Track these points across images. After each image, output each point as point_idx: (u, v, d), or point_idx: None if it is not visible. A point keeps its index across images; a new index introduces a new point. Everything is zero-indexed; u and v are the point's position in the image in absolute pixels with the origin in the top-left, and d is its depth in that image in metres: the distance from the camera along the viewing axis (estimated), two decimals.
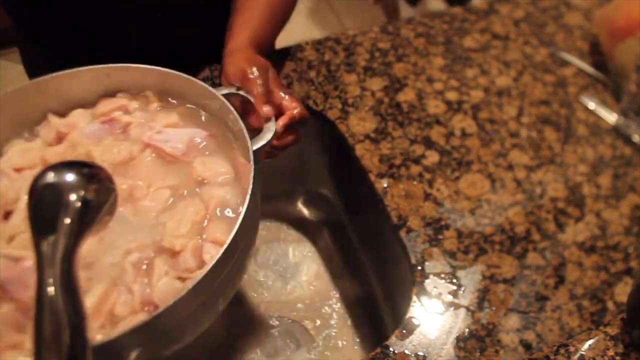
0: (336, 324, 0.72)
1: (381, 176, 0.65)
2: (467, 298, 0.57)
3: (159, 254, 0.43)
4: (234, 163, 0.49)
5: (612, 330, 0.53)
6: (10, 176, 0.47)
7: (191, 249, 0.43)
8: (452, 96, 0.74)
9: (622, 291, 0.59)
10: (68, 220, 0.33)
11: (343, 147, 0.70)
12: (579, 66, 0.80)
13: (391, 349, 0.53)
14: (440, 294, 0.57)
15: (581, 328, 0.56)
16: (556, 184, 0.67)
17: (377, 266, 0.74)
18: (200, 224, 0.45)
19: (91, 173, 0.36)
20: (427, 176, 0.66)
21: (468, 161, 0.68)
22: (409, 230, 0.61)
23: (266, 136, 0.50)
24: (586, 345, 0.52)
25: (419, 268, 0.59)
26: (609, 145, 0.71)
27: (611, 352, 0.51)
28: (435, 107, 0.73)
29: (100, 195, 0.36)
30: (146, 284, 0.42)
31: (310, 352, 0.69)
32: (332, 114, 0.71)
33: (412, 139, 0.69)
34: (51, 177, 0.34)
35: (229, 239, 0.40)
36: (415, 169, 0.66)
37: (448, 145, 0.69)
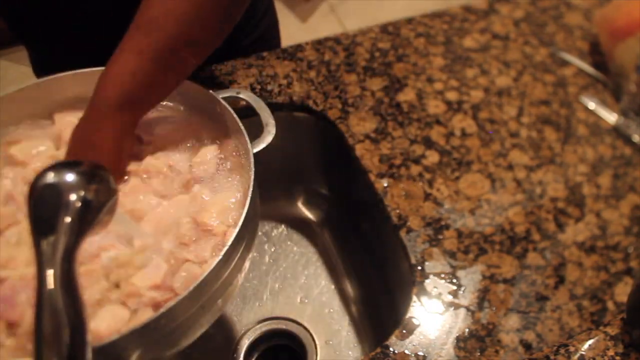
0: (336, 324, 0.72)
1: (381, 176, 0.66)
2: (467, 298, 0.57)
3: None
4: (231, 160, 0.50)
5: (612, 330, 0.53)
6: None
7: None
8: (452, 96, 0.74)
9: (622, 291, 0.59)
10: (68, 220, 0.33)
11: (343, 147, 0.70)
12: (579, 66, 0.80)
13: (391, 349, 0.53)
14: (440, 294, 0.57)
15: (581, 328, 0.56)
16: (556, 184, 0.67)
17: (377, 266, 0.74)
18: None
19: (91, 173, 0.36)
20: (427, 176, 0.66)
21: (468, 161, 0.68)
22: (409, 230, 0.61)
23: (266, 139, 0.50)
24: (586, 345, 0.52)
25: (419, 268, 0.59)
26: (609, 145, 0.71)
27: (611, 352, 0.51)
28: (435, 107, 0.73)
29: (100, 195, 0.36)
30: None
31: (310, 352, 0.69)
32: (332, 114, 0.71)
33: (412, 139, 0.69)
34: (51, 177, 0.34)
35: (230, 241, 0.40)
36: (415, 169, 0.66)
37: (448, 145, 0.69)
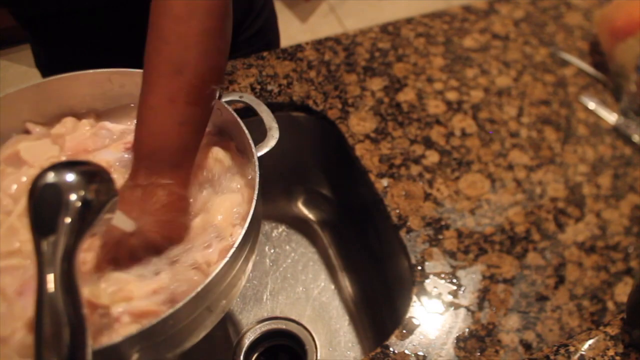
0: (336, 324, 0.72)
1: (381, 176, 0.66)
2: (467, 298, 0.57)
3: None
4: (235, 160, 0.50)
5: (612, 330, 0.53)
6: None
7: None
8: (452, 96, 0.74)
9: (622, 291, 0.59)
10: (68, 220, 0.33)
11: (343, 147, 0.70)
12: (579, 66, 0.80)
13: (391, 349, 0.53)
14: (440, 294, 0.57)
15: (581, 328, 0.56)
16: (556, 184, 0.67)
17: (377, 266, 0.74)
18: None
19: (91, 173, 0.36)
20: (427, 176, 0.66)
21: (468, 161, 0.68)
22: (409, 230, 0.61)
23: (270, 143, 0.50)
24: (586, 345, 0.52)
25: (419, 268, 0.59)
26: (609, 145, 0.71)
27: (611, 352, 0.51)
28: (435, 107, 0.73)
29: (100, 195, 0.36)
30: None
31: (310, 352, 0.69)
32: (332, 114, 0.71)
33: (412, 139, 0.69)
34: (51, 177, 0.34)
35: (237, 242, 0.41)
36: (415, 169, 0.66)
37: (448, 145, 0.69)
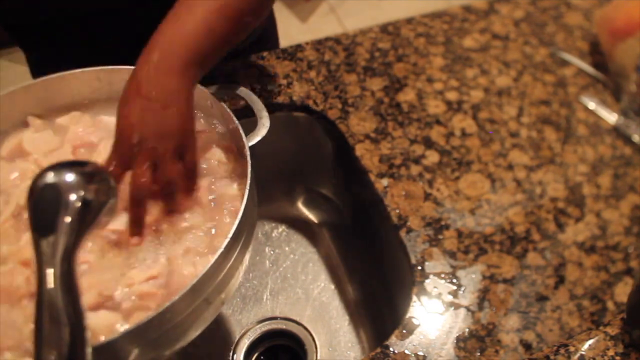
0: (336, 324, 0.72)
1: (381, 176, 0.66)
2: (467, 298, 0.57)
3: None
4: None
5: (612, 330, 0.53)
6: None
7: None
8: (452, 96, 0.74)
9: (622, 291, 0.59)
10: (68, 220, 0.33)
11: (343, 147, 0.70)
12: (579, 66, 0.80)
13: (391, 349, 0.53)
14: (440, 294, 0.57)
15: (581, 328, 0.55)
16: (556, 184, 0.67)
17: (377, 266, 0.74)
18: None
19: (91, 173, 0.36)
20: (427, 176, 0.66)
21: (468, 161, 0.68)
22: (409, 230, 0.61)
23: (261, 132, 0.50)
24: (586, 345, 0.52)
25: (419, 268, 0.59)
26: (609, 145, 0.71)
27: (611, 352, 0.51)
28: (435, 107, 0.73)
29: (100, 195, 0.36)
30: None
31: (310, 352, 0.69)
32: (332, 114, 0.71)
33: (412, 139, 0.69)
34: (51, 177, 0.34)
35: (230, 234, 0.41)
36: (415, 169, 0.66)
37: (448, 145, 0.69)
